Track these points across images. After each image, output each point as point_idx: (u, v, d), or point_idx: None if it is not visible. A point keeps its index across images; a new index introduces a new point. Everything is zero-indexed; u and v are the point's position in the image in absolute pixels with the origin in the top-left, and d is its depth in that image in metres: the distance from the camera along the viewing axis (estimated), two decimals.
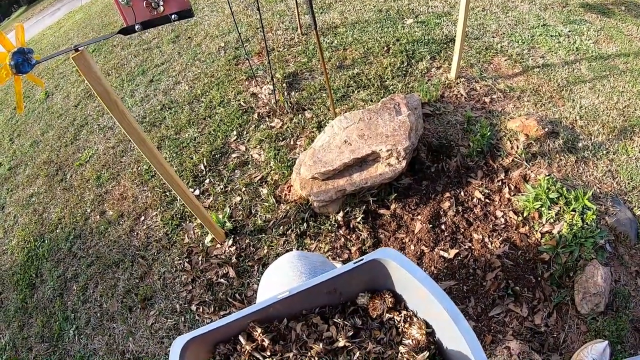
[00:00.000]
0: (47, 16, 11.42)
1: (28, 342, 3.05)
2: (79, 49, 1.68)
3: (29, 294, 3.34)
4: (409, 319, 0.99)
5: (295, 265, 1.30)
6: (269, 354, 0.95)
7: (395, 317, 1.00)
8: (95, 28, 7.38)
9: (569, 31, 4.12)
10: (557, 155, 2.97)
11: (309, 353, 0.94)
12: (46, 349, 2.95)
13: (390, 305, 1.01)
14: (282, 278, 1.28)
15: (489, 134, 2.98)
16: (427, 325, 0.94)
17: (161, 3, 1.77)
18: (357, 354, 0.94)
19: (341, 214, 2.84)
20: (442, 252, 2.59)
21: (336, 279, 0.85)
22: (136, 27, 1.79)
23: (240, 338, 0.95)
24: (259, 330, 0.95)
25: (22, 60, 1.65)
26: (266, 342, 0.95)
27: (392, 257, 0.83)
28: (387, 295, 1.01)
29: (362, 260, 0.83)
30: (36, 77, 1.84)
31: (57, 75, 6.20)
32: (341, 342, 0.96)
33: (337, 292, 0.93)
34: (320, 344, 0.95)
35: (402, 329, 0.99)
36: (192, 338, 0.82)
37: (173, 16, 1.80)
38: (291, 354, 0.94)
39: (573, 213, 2.51)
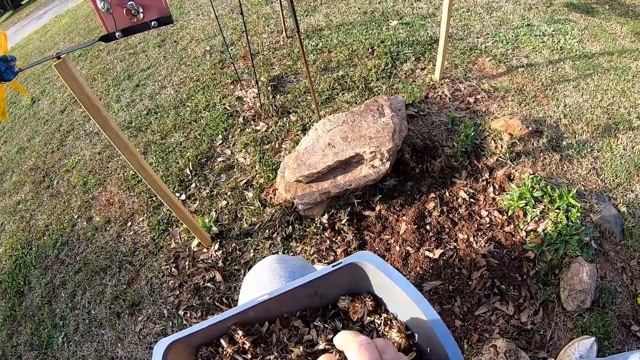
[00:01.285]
0: (33, 21, 11.36)
1: (17, 350, 3.03)
2: (61, 56, 1.67)
3: (17, 301, 3.32)
4: (389, 322, 0.99)
5: (274, 269, 1.30)
6: (250, 356, 0.95)
7: (375, 320, 1.01)
8: (81, 32, 7.35)
9: (553, 31, 4.15)
10: (542, 154, 2.99)
11: (289, 356, 0.94)
12: (35, 356, 2.93)
13: (371, 309, 1.01)
14: (261, 281, 1.28)
15: (473, 134, 3.00)
16: (407, 328, 0.94)
17: (141, 10, 1.77)
18: (337, 356, 0.94)
19: (326, 216, 2.84)
20: (427, 253, 2.60)
21: (315, 282, 0.86)
22: (117, 34, 1.79)
23: (222, 341, 0.95)
24: (240, 333, 0.95)
25: (5, 68, 1.64)
26: (247, 345, 0.95)
27: (369, 260, 0.83)
28: (367, 299, 1.01)
29: (340, 263, 0.84)
30: (19, 85, 1.84)
31: (43, 80, 6.17)
32: (321, 345, 0.96)
33: (318, 295, 0.93)
34: (301, 347, 0.95)
35: (382, 332, 0.99)
36: (175, 341, 0.82)
37: (153, 23, 1.80)
38: (272, 357, 0.95)
39: (557, 211, 2.53)
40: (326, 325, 0.98)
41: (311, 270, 1.40)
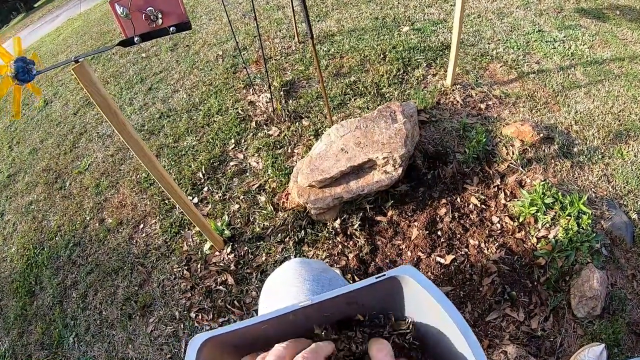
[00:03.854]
0: (46, 23, 11.45)
1: (28, 349, 3.06)
2: (79, 60, 1.70)
3: (29, 301, 3.35)
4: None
5: (299, 272, 1.30)
6: None
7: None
8: (94, 36, 7.41)
9: (564, 36, 4.15)
10: (553, 161, 2.99)
11: None
12: (46, 356, 2.95)
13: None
14: (286, 284, 1.28)
15: (484, 140, 3.01)
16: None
17: (160, 16, 1.79)
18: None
19: (338, 221, 2.86)
20: (438, 258, 2.61)
21: (357, 292, 0.85)
22: (135, 39, 1.81)
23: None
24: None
25: (24, 71, 1.67)
26: None
27: (412, 275, 0.83)
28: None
29: (384, 275, 0.83)
30: (35, 86, 1.87)
31: (56, 82, 6.23)
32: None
33: (360, 304, 0.93)
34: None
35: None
36: (210, 338, 0.81)
37: (171, 28, 1.82)
38: None
39: (569, 218, 2.53)
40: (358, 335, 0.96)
41: (333, 274, 1.40)
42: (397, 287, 0.86)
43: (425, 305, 0.78)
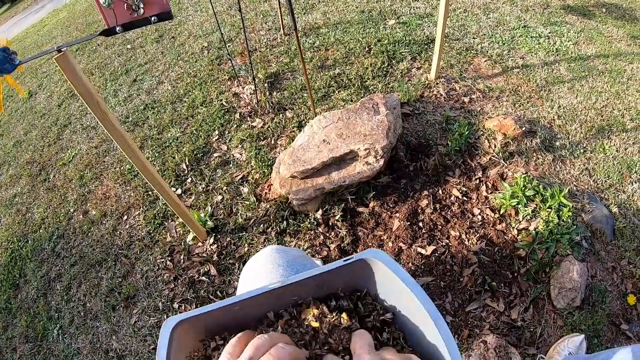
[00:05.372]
0: (31, 14, 11.31)
1: (12, 342, 3.04)
2: (62, 50, 1.69)
3: (13, 294, 3.33)
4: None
5: (273, 258, 1.32)
6: None
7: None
8: (79, 27, 7.34)
9: (549, 32, 4.18)
10: (535, 154, 3.02)
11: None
12: (30, 349, 2.94)
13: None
14: (260, 270, 1.30)
15: (467, 133, 3.03)
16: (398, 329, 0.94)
17: (141, 5, 1.78)
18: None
19: (320, 212, 2.86)
20: (419, 249, 2.63)
21: (326, 274, 0.86)
22: (117, 28, 1.80)
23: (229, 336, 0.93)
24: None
25: (4, 61, 1.66)
26: None
27: (380, 258, 0.83)
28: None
29: (351, 258, 0.84)
30: (16, 83, 1.85)
31: (40, 74, 6.16)
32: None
33: (324, 287, 0.93)
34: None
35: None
36: (183, 320, 0.81)
37: (153, 18, 1.81)
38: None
39: (549, 210, 2.55)
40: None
41: (309, 261, 1.41)
42: (367, 271, 0.86)
43: (396, 289, 0.78)
